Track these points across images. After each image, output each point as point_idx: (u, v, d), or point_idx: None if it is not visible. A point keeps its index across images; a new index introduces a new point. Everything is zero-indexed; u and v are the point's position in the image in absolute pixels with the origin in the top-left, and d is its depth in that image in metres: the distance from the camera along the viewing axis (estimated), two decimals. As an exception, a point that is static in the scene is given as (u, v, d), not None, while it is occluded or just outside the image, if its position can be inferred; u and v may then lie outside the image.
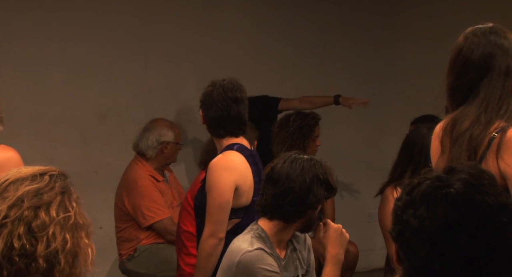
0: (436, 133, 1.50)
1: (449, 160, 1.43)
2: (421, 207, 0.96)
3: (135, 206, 2.92)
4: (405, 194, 0.99)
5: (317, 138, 3.05)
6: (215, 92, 2.10)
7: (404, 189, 1.00)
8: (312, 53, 4.07)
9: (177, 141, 3.06)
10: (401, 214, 0.98)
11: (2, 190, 1.10)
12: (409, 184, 1.00)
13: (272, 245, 1.78)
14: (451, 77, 1.51)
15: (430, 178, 0.99)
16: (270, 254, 1.75)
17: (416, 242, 0.96)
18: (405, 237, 0.97)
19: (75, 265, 1.11)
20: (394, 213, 1.00)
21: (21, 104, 3.12)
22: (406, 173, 2.30)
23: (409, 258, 0.98)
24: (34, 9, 3.26)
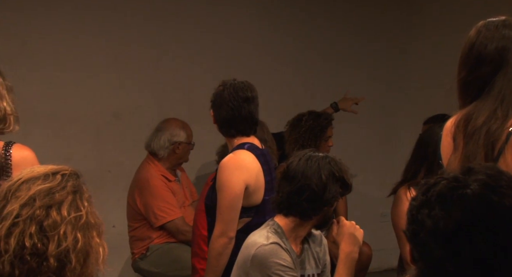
0: (448, 129, 1.47)
1: (463, 157, 1.41)
2: (436, 207, 0.95)
3: (147, 206, 2.93)
4: (421, 194, 0.98)
5: (329, 139, 3.03)
6: (226, 92, 2.11)
7: (420, 189, 0.99)
8: (325, 52, 4.05)
9: (189, 141, 3.07)
10: (416, 214, 0.97)
11: (15, 189, 1.11)
12: (425, 184, 0.99)
13: (288, 241, 1.78)
14: (464, 72, 1.49)
15: (446, 178, 0.98)
16: (286, 250, 1.75)
17: (430, 242, 0.95)
18: (419, 237, 0.96)
19: (86, 264, 1.11)
20: (409, 212, 0.99)
21: (37, 103, 3.15)
22: (420, 173, 2.28)
23: (423, 258, 0.97)
24: (49, 10, 3.29)
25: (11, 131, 1.69)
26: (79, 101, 3.38)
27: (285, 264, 1.72)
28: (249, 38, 3.83)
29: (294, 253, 1.79)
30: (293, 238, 1.80)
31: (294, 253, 1.80)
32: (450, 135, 1.46)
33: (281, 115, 3.27)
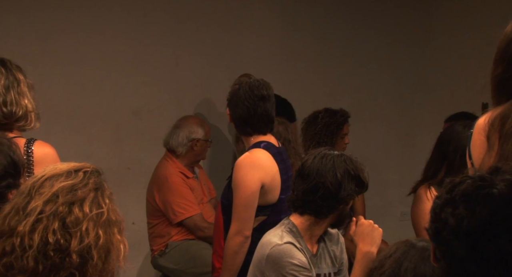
0: (481, 128, 1.43)
1: (499, 156, 1.36)
2: (460, 206, 0.94)
3: (166, 203, 2.95)
4: (445, 192, 0.97)
5: (346, 136, 3.01)
6: (242, 91, 2.11)
7: (445, 187, 0.98)
8: (344, 50, 4.02)
9: (207, 138, 3.08)
10: (439, 212, 0.96)
11: (39, 185, 1.12)
12: (450, 183, 0.98)
13: (303, 240, 1.78)
14: (500, 68, 1.43)
15: (472, 177, 0.96)
16: (300, 250, 1.75)
17: (453, 242, 0.94)
18: (442, 235, 0.95)
19: (107, 260, 1.12)
20: (433, 211, 0.97)
21: (58, 101, 3.19)
22: (440, 172, 2.25)
23: (446, 257, 0.96)
24: (71, 8, 3.33)
25: (32, 128, 1.71)
26: (99, 99, 3.41)
27: (299, 264, 1.71)
28: (267, 36, 3.83)
29: (309, 252, 1.79)
30: (309, 236, 1.79)
31: (310, 252, 1.79)
32: (483, 134, 1.41)
33: (298, 113, 3.26)
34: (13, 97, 1.65)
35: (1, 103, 1.64)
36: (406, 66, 4.18)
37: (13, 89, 1.66)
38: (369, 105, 4.07)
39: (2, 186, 1.21)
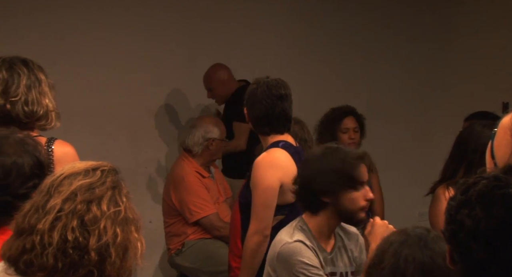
0: (507, 127, 1.38)
1: None
2: (476, 207, 0.93)
3: (182, 202, 2.96)
4: (460, 193, 0.96)
5: (348, 131, 2.97)
6: (260, 90, 2.11)
7: (459, 189, 0.97)
8: (362, 48, 3.99)
9: (223, 138, 3.09)
10: (455, 214, 0.95)
11: (58, 184, 1.14)
12: (464, 184, 0.97)
13: (314, 238, 1.77)
14: None
15: (487, 177, 0.95)
16: (311, 248, 1.74)
17: (470, 243, 0.93)
18: (459, 237, 0.94)
19: (125, 258, 1.13)
20: (448, 212, 0.96)
21: (76, 100, 3.23)
22: (459, 172, 2.21)
23: (463, 260, 0.95)
24: (88, 8, 3.37)
25: (52, 127, 1.74)
26: (116, 98, 3.45)
27: (309, 263, 1.70)
28: (283, 35, 3.82)
29: (323, 250, 1.78)
30: (321, 235, 1.78)
31: (324, 251, 1.78)
32: (509, 133, 1.37)
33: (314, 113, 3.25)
34: (34, 96, 1.67)
35: (23, 102, 1.66)
36: (425, 65, 4.13)
37: (34, 88, 1.68)
38: (387, 104, 4.03)
39: (28, 186, 1.23)
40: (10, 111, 1.66)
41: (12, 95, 1.66)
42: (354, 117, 2.97)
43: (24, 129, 1.65)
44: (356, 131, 2.96)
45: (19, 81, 1.67)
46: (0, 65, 1.69)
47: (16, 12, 3.19)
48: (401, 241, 1.24)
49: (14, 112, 1.66)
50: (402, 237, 1.25)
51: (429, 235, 1.25)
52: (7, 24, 3.16)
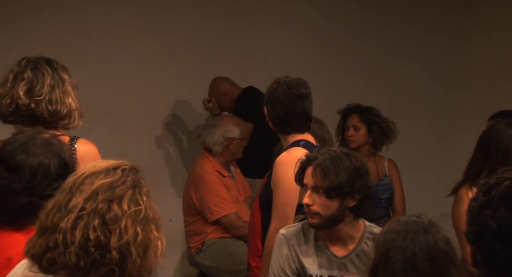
0: None
1: None
2: (500, 208, 0.91)
3: (202, 201, 2.98)
4: (482, 194, 0.94)
5: (349, 129, 2.94)
6: (280, 89, 2.10)
7: (480, 190, 0.95)
8: (381, 47, 3.95)
9: (243, 137, 3.09)
10: (477, 215, 0.93)
11: (79, 183, 1.15)
12: (486, 184, 0.95)
13: (322, 238, 1.80)
14: None
15: (510, 178, 0.93)
16: (292, 245, 1.80)
17: (495, 245, 0.91)
18: (482, 239, 0.92)
19: (146, 257, 1.14)
20: (469, 214, 0.95)
21: (97, 99, 3.26)
22: (483, 172, 2.18)
23: (487, 262, 0.93)
24: (110, 7, 3.40)
25: (75, 126, 1.76)
26: (136, 97, 3.48)
27: (276, 255, 1.82)
28: (302, 34, 3.81)
29: (330, 254, 1.78)
30: (332, 238, 1.80)
31: (332, 254, 1.78)
32: None
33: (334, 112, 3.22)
34: (58, 96, 1.70)
35: (47, 101, 1.69)
36: (447, 64, 4.07)
37: (58, 88, 1.71)
38: (408, 103, 3.98)
39: (54, 187, 1.24)
40: (34, 110, 1.68)
41: (37, 94, 1.69)
42: (358, 115, 2.94)
43: (48, 128, 1.68)
44: (358, 129, 2.93)
45: (43, 81, 1.70)
46: (25, 65, 1.72)
47: (40, 12, 3.24)
48: (402, 236, 1.24)
49: (39, 111, 1.68)
50: (401, 231, 1.25)
51: (424, 221, 1.26)
52: (32, 25, 3.21)
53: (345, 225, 1.79)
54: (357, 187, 1.74)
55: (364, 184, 1.74)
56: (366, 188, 1.75)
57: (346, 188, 1.73)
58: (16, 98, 1.68)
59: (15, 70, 1.72)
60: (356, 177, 1.73)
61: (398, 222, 1.31)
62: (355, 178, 1.73)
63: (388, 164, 3.03)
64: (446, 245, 1.25)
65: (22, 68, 1.71)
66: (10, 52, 1.96)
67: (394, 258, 1.22)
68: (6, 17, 3.17)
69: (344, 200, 1.74)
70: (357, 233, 1.80)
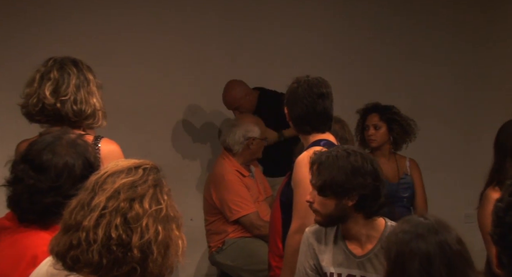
0: None
1: None
2: (527, 209, 0.89)
3: (222, 201, 2.98)
4: (508, 195, 0.92)
5: (368, 128, 2.91)
6: (301, 89, 2.09)
7: (506, 190, 0.93)
8: (404, 49, 3.91)
9: (263, 137, 3.09)
10: (503, 215, 0.91)
11: (102, 182, 1.16)
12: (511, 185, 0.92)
13: (342, 238, 1.80)
14: None
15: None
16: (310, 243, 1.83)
17: (521, 246, 0.88)
18: (508, 240, 0.90)
19: (167, 255, 1.14)
20: (495, 214, 0.93)
21: (120, 99, 3.30)
22: (506, 171, 2.15)
23: (513, 264, 0.91)
24: (133, 9, 3.45)
25: (99, 126, 1.78)
26: (157, 97, 3.51)
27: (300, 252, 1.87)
28: (323, 34, 3.78)
29: (348, 253, 1.78)
30: (350, 237, 1.79)
31: (350, 253, 1.78)
32: None
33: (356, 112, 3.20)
34: (83, 96, 1.72)
35: (72, 101, 1.71)
36: (470, 64, 4.00)
37: (83, 88, 1.73)
38: (431, 103, 3.92)
39: (78, 188, 1.25)
40: (60, 110, 1.71)
41: (62, 94, 1.71)
42: (378, 114, 2.91)
43: (73, 127, 1.69)
44: (378, 128, 2.90)
45: (69, 81, 1.72)
46: (52, 65, 1.74)
47: (68, 15, 3.31)
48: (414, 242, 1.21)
49: (64, 111, 1.71)
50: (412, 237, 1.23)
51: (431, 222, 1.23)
52: (59, 27, 3.28)
53: (356, 224, 1.77)
54: (353, 186, 1.71)
55: (362, 184, 1.70)
56: (363, 188, 1.71)
57: (338, 188, 1.71)
58: (43, 97, 1.70)
59: (42, 70, 1.74)
60: (352, 176, 1.70)
61: (405, 225, 1.27)
62: (350, 178, 1.70)
63: (409, 163, 3.00)
64: (460, 246, 1.22)
65: (49, 68, 1.74)
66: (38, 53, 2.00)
67: (409, 269, 1.20)
68: (34, 19, 3.24)
69: (341, 199, 1.73)
70: (375, 233, 1.78)
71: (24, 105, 1.74)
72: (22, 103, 1.75)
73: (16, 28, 3.23)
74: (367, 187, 1.72)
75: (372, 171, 1.72)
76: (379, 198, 1.75)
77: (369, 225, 1.78)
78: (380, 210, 1.77)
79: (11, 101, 1.85)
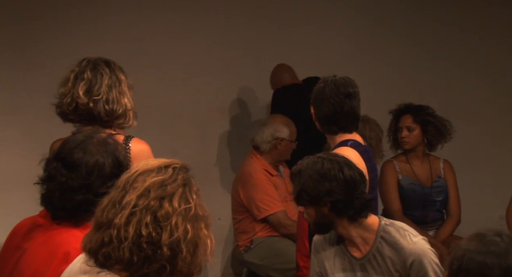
0: None
1: None
2: None
3: (250, 199, 2.99)
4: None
5: (401, 129, 2.87)
6: (327, 89, 2.07)
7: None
8: (435, 47, 3.84)
9: (292, 139, 3.05)
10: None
11: (132, 180, 1.18)
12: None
13: (342, 240, 1.81)
14: None
15: None
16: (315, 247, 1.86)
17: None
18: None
19: (195, 254, 1.15)
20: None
21: (149, 100, 3.35)
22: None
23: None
24: (164, 11, 3.50)
25: (130, 126, 1.81)
26: (187, 97, 3.55)
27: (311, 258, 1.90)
28: (351, 34, 3.75)
29: (350, 256, 1.79)
30: (348, 239, 1.79)
31: (351, 256, 1.79)
32: None
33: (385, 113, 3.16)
34: (114, 96, 1.75)
35: (104, 101, 1.74)
36: (505, 64, 3.90)
37: (115, 88, 1.76)
38: (463, 103, 3.85)
39: (108, 186, 1.27)
40: (92, 109, 1.74)
41: (95, 94, 1.74)
42: (412, 116, 2.86)
43: (104, 127, 1.72)
44: (412, 130, 2.84)
45: (101, 81, 1.75)
46: (86, 66, 1.78)
47: (100, 18, 3.39)
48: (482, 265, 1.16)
49: (96, 110, 1.74)
50: (483, 257, 1.17)
51: (505, 243, 1.18)
52: (93, 29, 3.35)
53: (344, 228, 1.76)
54: (321, 193, 1.70)
55: (329, 190, 1.69)
56: (331, 194, 1.69)
57: (307, 196, 1.71)
58: (76, 97, 1.73)
59: (76, 71, 1.78)
60: (318, 184, 1.70)
61: (477, 242, 1.21)
62: (317, 185, 1.70)
63: (443, 165, 2.94)
64: None
65: (83, 69, 1.77)
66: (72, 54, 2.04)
67: None
68: (68, 22, 3.32)
69: (317, 207, 1.73)
70: (368, 234, 1.77)
71: (59, 105, 1.78)
72: (57, 103, 1.78)
73: (50, 30, 3.32)
74: (335, 192, 1.70)
75: (339, 176, 1.70)
76: (355, 201, 1.72)
77: (359, 227, 1.76)
78: (363, 211, 1.75)
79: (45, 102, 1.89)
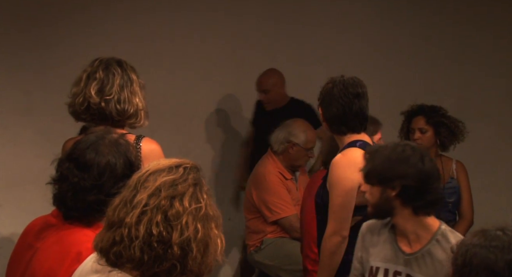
0: None
1: None
2: None
3: (262, 201, 2.98)
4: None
5: (414, 131, 2.83)
6: (336, 89, 2.06)
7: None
8: (448, 46, 3.81)
9: (306, 147, 2.98)
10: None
11: (144, 180, 1.18)
12: None
13: (394, 232, 1.78)
14: None
15: None
16: (362, 235, 1.85)
17: None
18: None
19: (206, 254, 1.15)
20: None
21: (161, 100, 3.37)
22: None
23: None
24: (176, 12, 3.51)
25: (141, 126, 1.82)
26: (199, 98, 3.56)
27: None
28: (364, 33, 3.74)
29: (397, 249, 1.76)
30: (400, 233, 1.77)
31: (399, 250, 1.75)
32: None
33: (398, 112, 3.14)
34: (126, 95, 1.76)
35: (116, 100, 1.75)
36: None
37: (126, 88, 1.77)
38: (476, 103, 3.81)
39: (119, 186, 1.28)
40: (104, 109, 1.75)
41: (107, 93, 1.75)
42: (424, 117, 2.83)
43: (116, 126, 1.74)
44: (424, 132, 2.81)
45: (113, 81, 1.76)
46: (98, 66, 1.79)
47: (114, 18, 3.42)
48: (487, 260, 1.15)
49: (108, 110, 1.75)
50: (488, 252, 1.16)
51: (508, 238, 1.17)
52: (105, 29, 3.38)
53: (403, 219, 1.73)
54: (394, 175, 1.69)
55: (404, 173, 1.68)
56: (405, 178, 1.67)
57: (379, 175, 1.71)
58: (88, 97, 1.75)
59: (88, 70, 1.79)
60: (395, 165, 1.69)
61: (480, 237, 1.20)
62: (393, 166, 1.69)
63: (456, 166, 2.91)
64: None
65: (95, 68, 1.78)
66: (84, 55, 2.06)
67: None
68: (81, 23, 3.35)
69: (385, 188, 1.72)
70: (424, 233, 1.73)
71: (71, 104, 1.79)
72: (69, 102, 1.80)
73: (64, 32, 3.35)
74: (409, 177, 1.68)
75: (419, 165, 1.69)
76: (427, 193, 1.70)
77: (418, 223, 1.73)
78: (429, 208, 1.72)
79: (60, 102, 1.91)
